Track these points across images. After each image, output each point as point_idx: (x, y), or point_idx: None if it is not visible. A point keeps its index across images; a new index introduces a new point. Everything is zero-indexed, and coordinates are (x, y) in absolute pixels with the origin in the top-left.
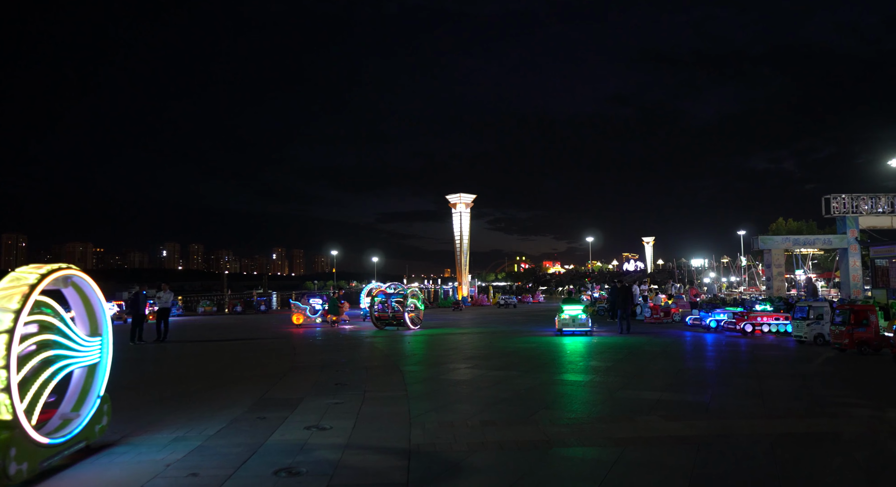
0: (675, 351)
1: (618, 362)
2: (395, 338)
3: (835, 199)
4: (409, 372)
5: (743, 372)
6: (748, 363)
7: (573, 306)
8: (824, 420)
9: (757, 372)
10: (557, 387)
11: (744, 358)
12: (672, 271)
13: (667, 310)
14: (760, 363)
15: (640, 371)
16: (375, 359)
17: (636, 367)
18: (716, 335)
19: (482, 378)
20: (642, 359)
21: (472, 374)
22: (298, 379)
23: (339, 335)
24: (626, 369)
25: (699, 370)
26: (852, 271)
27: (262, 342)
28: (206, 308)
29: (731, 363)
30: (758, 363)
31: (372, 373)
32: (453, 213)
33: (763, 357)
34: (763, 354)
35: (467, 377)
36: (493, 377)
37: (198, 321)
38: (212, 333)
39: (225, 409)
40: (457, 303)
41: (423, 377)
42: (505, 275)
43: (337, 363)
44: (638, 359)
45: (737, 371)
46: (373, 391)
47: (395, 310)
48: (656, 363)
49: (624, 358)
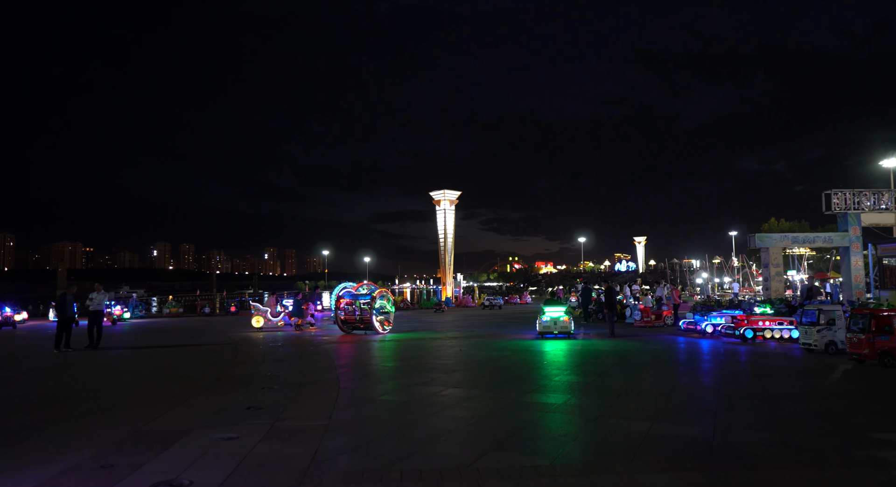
0: (668, 362)
1: (600, 376)
2: (357, 345)
3: (836, 194)
4: (349, 390)
5: (750, 391)
6: (754, 377)
7: (555, 308)
8: (874, 473)
9: (766, 391)
10: (523, 412)
11: (747, 371)
12: (664, 271)
13: (658, 313)
14: (768, 377)
15: (626, 389)
16: (319, 372)
17: (621, 383)
18: (712, 342)
19: (435, 399)
20: (629, 372)
21: (424, 393)
22: (205, 401)
23: (298, 341)
24: (610, 385)
25: (696, 389)
26: (854, 271)
27: (204, 349)
28: (171, 310)
29: (734, 377)
30: (765, 378)
31: (303, 392)
32: (437, 210)
33: (770, 370)
34: (769, 365)
35: (417, 396)
36: (448, 398)
37: (156, 323)
38: (157, 338)
39: (69, 450)
40: (439, 304)
41: (364, 397)
42: (497, 275)
43: (272, 376)
44: (624, 372)
45: (742, 390)
46: (288, 418)
47: (363, 313)
48: (645, 378)
49: (608, 371)
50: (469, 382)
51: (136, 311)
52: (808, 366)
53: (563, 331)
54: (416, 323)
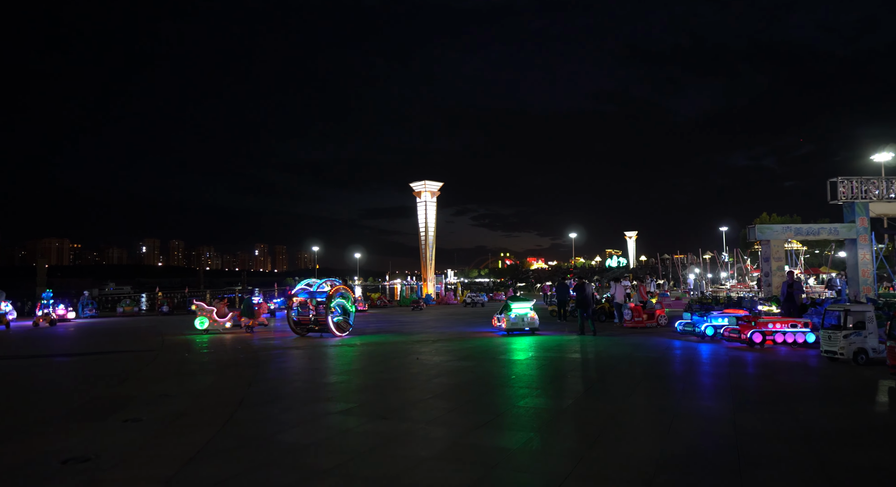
0: (663, 375)
1: (576, 398)
2: (301, 352)
3: (842, 183)
4: (240, 423)
5: (779, 425)
6: (778, 400)
7: (521, 304)
8: None
9: (801, 425)
10: (461, 466)
11: (766, 390)
12: (655, 266)
13: (651, 312)
14: (796, 400)
15: (610, 421)
16: (223, 392)
17: (604, 410)
18: (713, 347)
19: (346, 440)
20: (615, 391)
21: (339, 428)
22: (19, 447)
23: (235, 346)
24: (589, 414)
25: (705, 421)
26: (862, 265)
27: (116, 358)
28: (125, 308)
29: (752, 400)
30: (792, 402)
31: (174, 426)
32: (418, 202)
33: (794, 389)
34: (791, 381)
35: (326, 434)
36: (367, 437)
37: (99, 324)
38: (77, 343)
39: None
40: (417, 302)
41: (252, 435)
42: (488, 271)
43: (161, 397)
44: (609, 391)
45: (768, 423)
46: (111, 480)
47: (318, 313)
48: (635, 402)
49: (589, 389)
50: (407, 407)
51: (86, 310)
52: (840, 383)
53: (530, 327)
54: (386, 323)
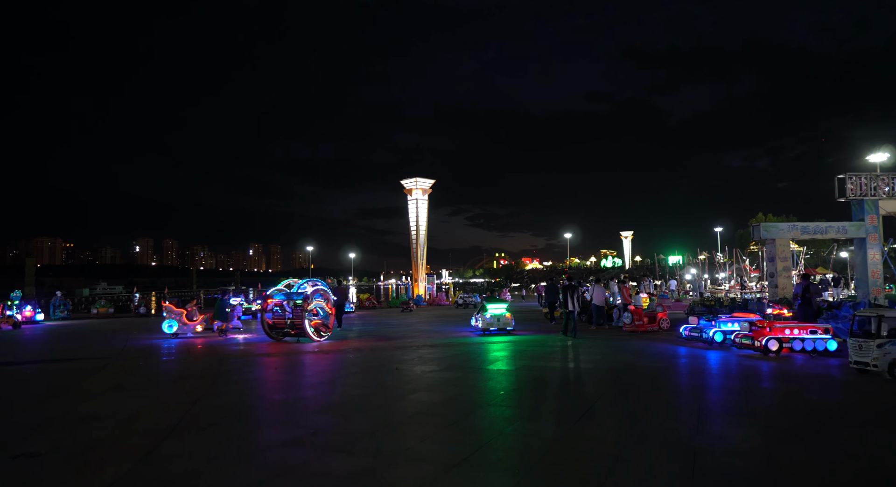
0: (674, 392)
1: (576, 421)
2: (271, 360)
3: (850, 179)
4: (155, 459)
5: (830, 468)
6: (816, 426)
7: (497, 304)
8: None
9: (856, 463)
10: None
11: (799, 412)
12: (652, 267)
13: (652, 315)
14: (838, 425)
15: (616, 456)
16: (156, 414)
17: (607, 441)
18: (724, 355)
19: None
20: (618, 415)
21: (274, 468)
22: None
23: (199, 353)
24: (588, 447)
25: (737, 458)
26: (871, 265)
27: (60, 368)
28: (99, 310)
29: (788, 429)
30: (835, 428)
31: (71, 467)
32: (409, 200)
33: (832, 411)
34: (824, 399)
35: (247, 482)
36: (298, 483)
37: (68, 326)
38: (25, 349)
39: None
40: (406, 303)
41: (161, 479)
42: (483, 271)
43: (88, 418)
44: (610, 416)
45: (814, 462)
46: None
47: (296, 316)
48: (645, 431)
49: (588, 412)
50: (374, 434)
51: (57, 312)
52: (880, 401)
53: (505, 327)
54: (371, 326)
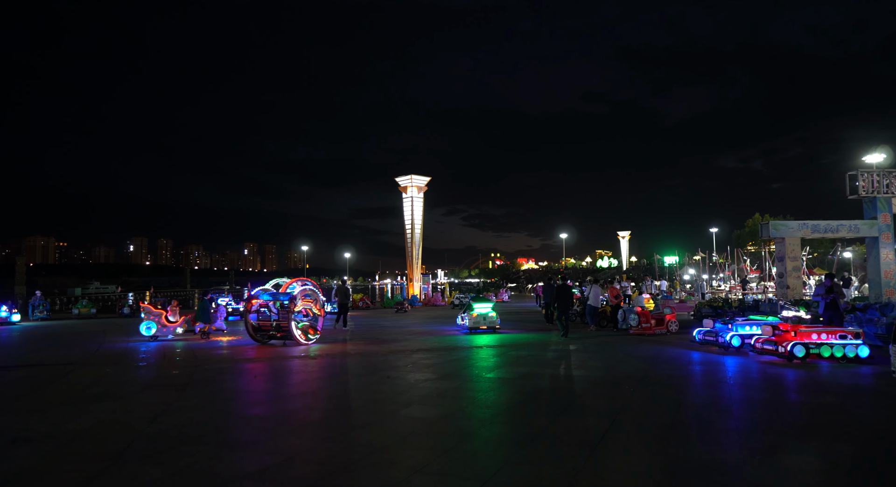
0: (700, 408)
1: (592, 449)
2: (252, 366)
3: (862, 176)
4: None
5: None
6: (880, 456)
7: (483, 304)
8: None
9: None
10: None
11: (851, 436)
12: (651, 267)
13: (660, 318)
14: None
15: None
16: (103, 434)
17: (633, 473)
18: (743, 361)
19: None
20: (641, 438)
21: None
22: None
23: (174, 358)
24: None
25: None
26: (884, 266)
27: (17, 375)
28: (80, 310)
29: (848, 460)
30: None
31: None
32: (404, 198)
33: (892, 432)
34: (874, 416)
35: None
36: None
37: (43, 328)
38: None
39: None
40: (400, 304)
41: None
42: (479, 272)
43: (20, 440)
44: (633, 439)
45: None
46: None
47: (281, 318)
48: (676, 462)
49: (604, 436)
50: (354, 464)
51: (36, 312)
52: None
53: (491, 326)
54: (364, 328)
